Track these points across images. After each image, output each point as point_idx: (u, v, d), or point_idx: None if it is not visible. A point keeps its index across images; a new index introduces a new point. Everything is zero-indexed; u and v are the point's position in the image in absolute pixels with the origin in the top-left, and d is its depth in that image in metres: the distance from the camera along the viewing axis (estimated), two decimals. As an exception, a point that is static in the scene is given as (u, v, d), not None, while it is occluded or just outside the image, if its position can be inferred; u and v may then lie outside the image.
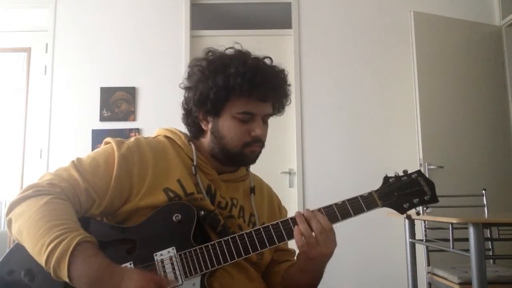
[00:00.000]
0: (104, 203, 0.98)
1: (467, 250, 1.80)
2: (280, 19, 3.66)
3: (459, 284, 2.08)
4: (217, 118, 1.08)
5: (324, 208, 1.03)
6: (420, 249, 2.62)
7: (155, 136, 1.15)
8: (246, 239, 0.98)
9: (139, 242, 0.96)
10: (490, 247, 2.43)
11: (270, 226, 1.00)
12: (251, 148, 1.08)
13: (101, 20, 3.55)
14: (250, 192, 1.18)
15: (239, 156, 1.08)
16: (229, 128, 1.06)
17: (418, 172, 1.10)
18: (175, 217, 0.98)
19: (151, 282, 0.85)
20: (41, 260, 0.85)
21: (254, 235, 0.99)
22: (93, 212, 0.99)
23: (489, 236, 2.38)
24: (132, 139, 1.08)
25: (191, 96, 1.10)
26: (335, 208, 1.03)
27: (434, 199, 1.07)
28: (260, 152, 1.11)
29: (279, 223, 1.01)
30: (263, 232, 0.99)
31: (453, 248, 1.98)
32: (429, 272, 2.45)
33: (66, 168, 0.99)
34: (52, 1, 3.55)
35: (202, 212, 1.02)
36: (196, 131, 1.15)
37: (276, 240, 0.99)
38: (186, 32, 3.51)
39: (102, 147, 1.07)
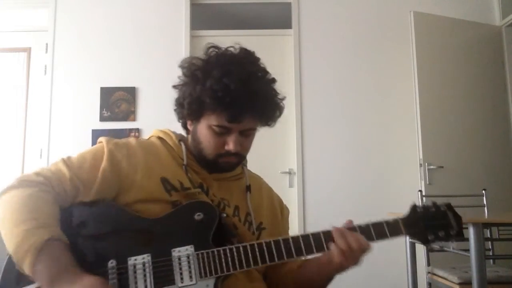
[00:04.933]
0: (91, 193, 0.99)
1: (467, 250, 1.80)
2: (280, 19, 3.66)
3: (459, 284, 2.08)
4: (196, 122, 1.09)
5: (348, 229, 1.00)
6: (420, 249, 2.62)
7: (149, 138, 1.17)
8: (265, 248, 0.97)
9: (158, 235, 0.97)
10: (490, 247, 2.43)
11: (291, 239, 0.99)
12: (225, 159, 1.07)
13: (101, 20, 3.55)
14: (246, 191, 1.17)
15: (214, 164, 1.09)
16: (205, 137, 1.06)
17: (448, 205, 1.07)
18: (197, 215, 0.98)
19: None
20: (11, 249, 0.87)
21: (272, 246, 0.98)
22: (81, 199, 0.99)
23: (489, 236, 2.38)
24: (123, 139, 1.11)
25: (176, 98, 1.13)
26: (358, 230, 1.01)
27: (460, 235, 1.04)
28: (237, 162, 1.11)
29: (299, 236, 0.99)
30: (282, 244, 0.98)
31: (453, 248, 1.98)
32: (429, 272, 2.45)
33: (55, 163, 1.03)
34: (52, 1, 3.55)
35: (225, 214, 1.03)
36: (184, 127, 1.17)
37: (294, 253, 0.98)
38: (186, 32, 3.51)
39: (94, 146, 1.09)
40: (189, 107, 1.06)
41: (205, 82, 1.02)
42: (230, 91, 0.99)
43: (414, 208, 1.06)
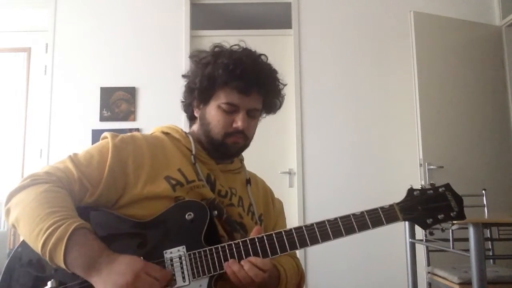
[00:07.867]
0: (97, 192, 0.99)
1: (467, 250, 1.80)
2: (280, 19, 3.66)
3: (459, 284, 2.08)
4: (205, 106, 1.13)
5: (341, 218, 0.99)
6: (420, 249, 2.62)
7: (152, 133, 1.19)
8: (257, 243, 0.96)
9: (150, 238, 0.97)
10: (490, 247, 2.43)
11: (283, 232, 0.98)
12: (233, 138, 1.10)
13: (101, 20, 3.55)
14: (246, 183, 1.21)
15: (221, 146, 1.11)
16: (214, 116, 1.10)
17: (447, 186, 1.05)
18: (188, 215, 0.98)
19: (144, 269, 0.87)
20: (37, 245, 0.87)
21: (265, 241, 0.97)
22: (86, 200, 1.00)
23: (489, 236, 2.38)
24: (129, 133, 1.12)
25: (185, 84, 1.17)
26: (353, 219, 0.99)
27: (460, 215, 1.00)
28: (243, 145, 1.14)
29: (292, 230, 0.98)
30: (275, 239, 0.97)
31: (453, 248, 1.98)
32: (429, 272, 2.45)
33: (62, 161, 1.03)
34: (52, 1, 3.54)
35: (216, 212, 1.03)
36: (190, 117, 1.21)
37: (288, 247, 0.96)
38: (186, 32, 3.51)
39: (99, 141, 1.10)
40: (201, 85, 1.10)
41: (216, 62, 1.09)
42: (242, 63, 1.07)
43: (411, 191, 1.04)
